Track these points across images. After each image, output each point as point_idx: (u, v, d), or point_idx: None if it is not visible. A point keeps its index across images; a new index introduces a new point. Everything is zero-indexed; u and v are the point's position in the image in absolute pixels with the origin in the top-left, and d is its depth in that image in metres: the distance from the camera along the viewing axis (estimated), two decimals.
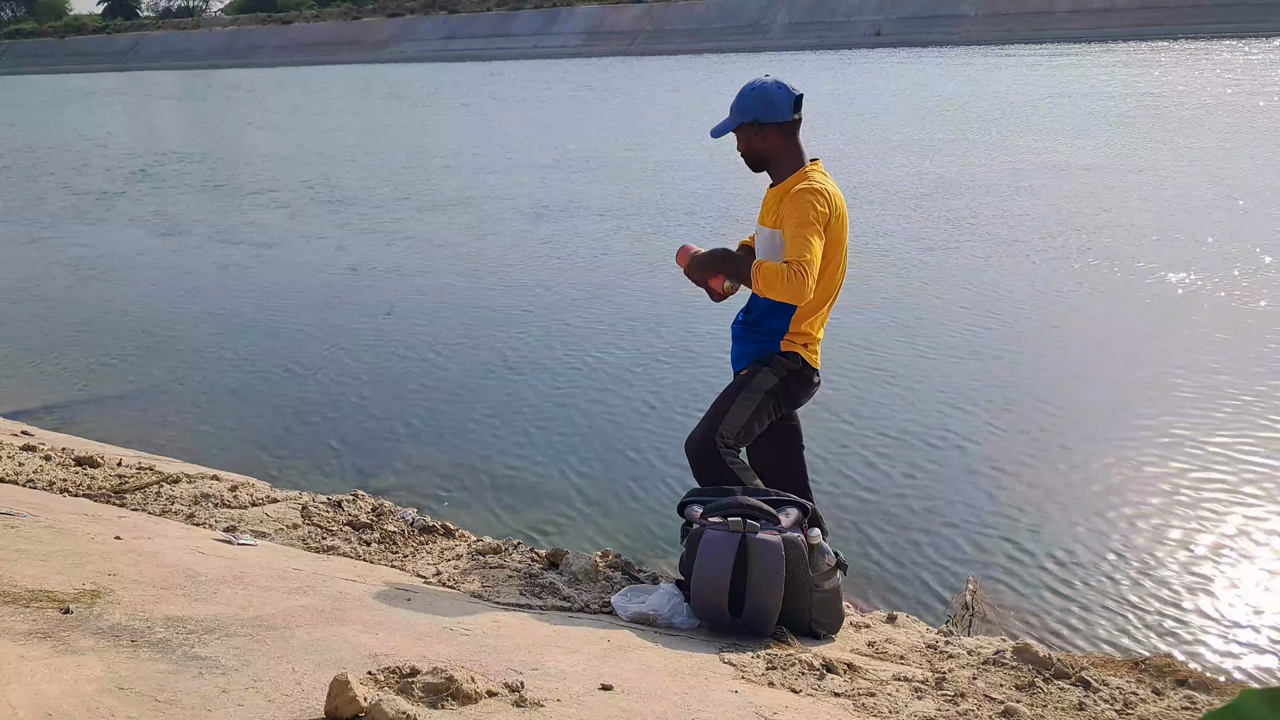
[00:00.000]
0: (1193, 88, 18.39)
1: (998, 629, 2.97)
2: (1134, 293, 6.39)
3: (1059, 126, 14.28)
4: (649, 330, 6.12)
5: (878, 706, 2.06)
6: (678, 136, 15.63)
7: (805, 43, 41.01)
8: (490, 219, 9.96)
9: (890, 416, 4.63)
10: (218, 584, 2.31)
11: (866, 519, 3.73)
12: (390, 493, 3.88)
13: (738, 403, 2.84)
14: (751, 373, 2.89)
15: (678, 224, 9.18)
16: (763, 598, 2.44)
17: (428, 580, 2.76)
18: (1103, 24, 36.18)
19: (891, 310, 6.21)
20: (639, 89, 26.15)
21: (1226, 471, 3.95)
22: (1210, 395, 4.69)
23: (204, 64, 55.35)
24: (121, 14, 76.87)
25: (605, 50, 44.76)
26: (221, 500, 3.31)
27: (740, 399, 2.84)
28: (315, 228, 9.93)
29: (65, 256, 9.12)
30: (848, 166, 11.22)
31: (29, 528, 2.58)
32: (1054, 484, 3.93)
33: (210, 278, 8.05)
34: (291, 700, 1.67)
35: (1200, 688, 2.34)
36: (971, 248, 7.76)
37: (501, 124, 19.58)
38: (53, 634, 1.81)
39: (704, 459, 2.80)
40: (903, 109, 17.77)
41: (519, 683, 1.86)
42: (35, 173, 15.14)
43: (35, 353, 6.28)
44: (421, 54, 49.98)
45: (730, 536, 2.46)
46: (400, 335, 6.28)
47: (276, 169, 14.52)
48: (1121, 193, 9.51)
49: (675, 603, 2.58)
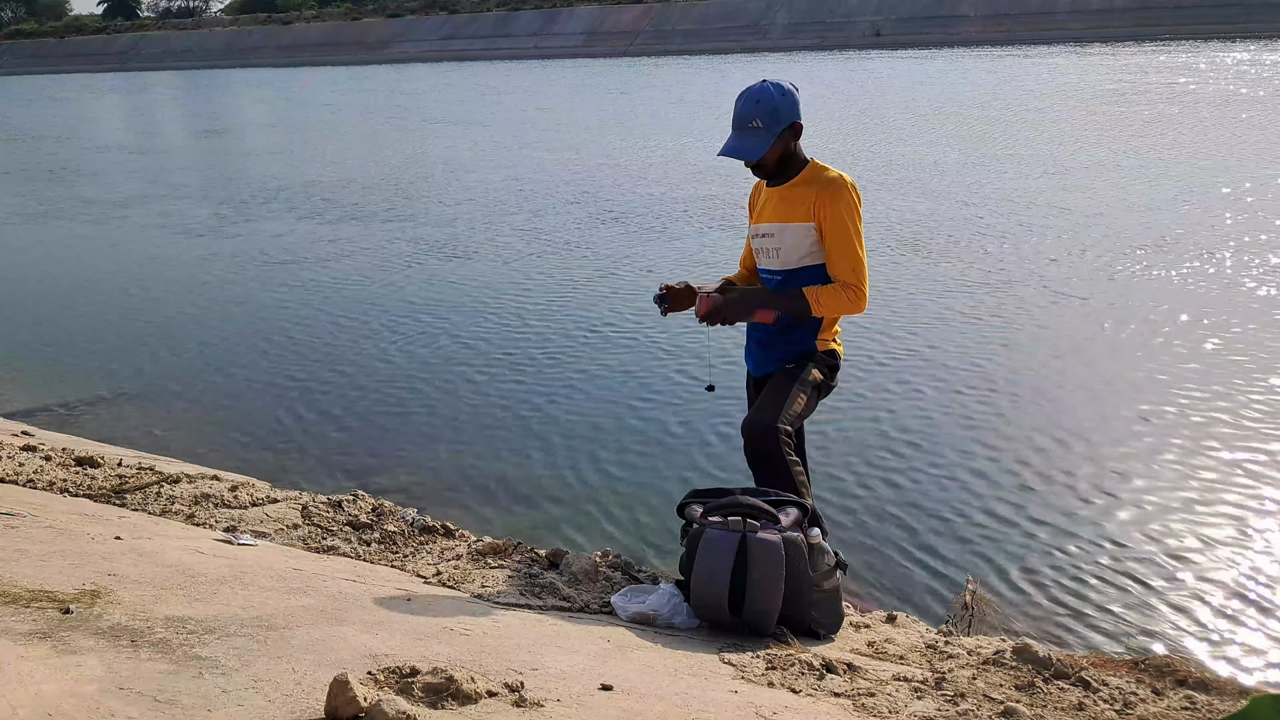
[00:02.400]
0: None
1: (998, 629, 2.97)
2: (1137, 283, 6.39)
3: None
4: (649, 330, 6.12)
5: (878, 706, 2.06)
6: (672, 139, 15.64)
7: (805, 43, 41.03)
8: (490, 218, 9.97)
9: (889, 416, 4.63)
10: (218, 584, 2.31)
11: (866, 519, 3.72)
12: (390, 493, 3.88)
13: (793, 394, 2.82)
14: (799, 367, 2.88)
15: (676, 223, 9.18)
16: (763, 598, 2.43)
17: (428, 580, 2.76)
18: (1103, 24, 36.18)
19: (891, 310, 6.21)
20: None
21: (1227, 471, 3.95)
22: (1211, 395, 4.69)
23: (204, 64, 55.36)
24: (121, 14, 76.88)
25: (605, 50, 44.77)
26: (221, 500, 3.31)
27: (794, 390, 2.83)
28: (316, 229, 9.93)
29: (65, 257, 9.13)
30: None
31: (29, 528, 2.58)
32: (1054, 484, 3.93)
33: (211, 278, 8.05)
34: (291, 700, 1.67)
35: (1200, 688, 2.34)
36: (971, 247, 7.76)
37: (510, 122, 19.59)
38: (53, 634, 1.81)
39: (768, 447, 2.75)
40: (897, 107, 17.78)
41: (519, 683, 1.86)
42: (35, 172, 15.14)
43: (35, 353, 6.28)
44: (422, 54, 49.99)
45: (730, 535, 2.46)
46: (401, 335, 6.28)
47: (274, 170, 14.53)
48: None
49: (675, 603, 2.58)
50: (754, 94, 2.79)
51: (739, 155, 2.82)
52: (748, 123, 2.78)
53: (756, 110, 2.76)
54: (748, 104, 2.78)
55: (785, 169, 2.85)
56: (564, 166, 13.32)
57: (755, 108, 2.76)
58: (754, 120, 2.77)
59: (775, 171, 2.86)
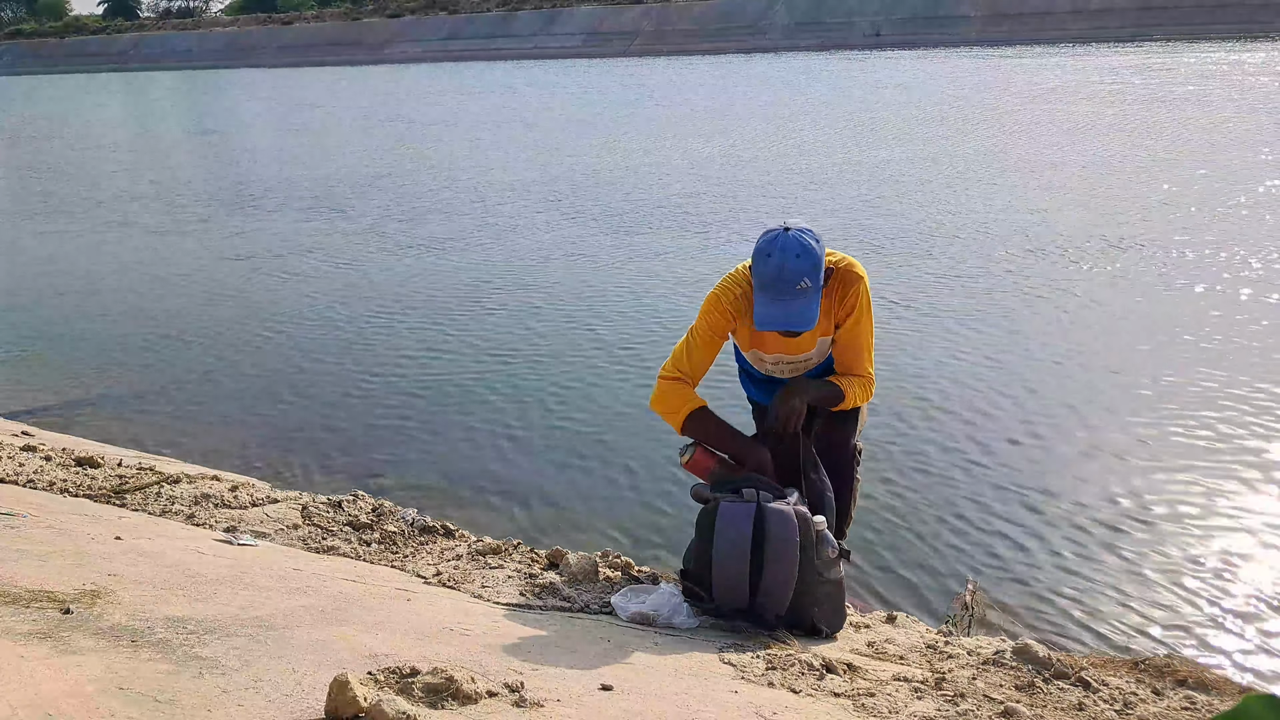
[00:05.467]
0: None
1: (998, 629, 2.97)
2: (1142, 286, 6.39)
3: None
4: (650, 330, 6.12)
5: (877, 706, 2.06)
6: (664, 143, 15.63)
7: (805, 43, 41.08)
8: (493, 218, 9.97)
9: (888, 416, 4.63)
10: (218, 584, 2.31)
11: (866, 519, 3.72)
12: (390, 493, 3.88)
13: (861, 410, 2.83)
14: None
15: (679, 222, 9.18)
16: (780, 570, 2.44)
17: (428, 580, 2.76)
18: (1103, 24, 36.20)
19: (890, 311, 6.21)
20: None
21: (1227, 471, 3.95)
22: (1211, 395, 4.69)
23: (204, 64, 55.39)
24: (121, 14, 76.90)
25: (605, 51, 44.80)
26: (222, 500, 3.31)
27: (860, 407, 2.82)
28: (317, 228, 9.93)
29: (65, 256, 9.13)
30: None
31: (29, 528, 2.58)
32: (1054, 483, 3.93)
33: (211, 277, 8.05)
34: (291, 700, 1.67)
35: (1200, 688, 2.34)
36: (972, 245, 7.77)
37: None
38: (53, 634, 1.81)
39: (846, 460, 2.76)
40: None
41: (519, 683, 1.86)
42: (35, 172, 15.14)
43: (35, 353, 6.28)
44: (422, 54, 50.04)
45: (746, 506, 2.47)
46: (401, 335, 6.28)
47: (274, 170, 14.53)
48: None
49: (675, 602, 2.58)
50: (792, 248, 2.37)
51: (798, 326, 2.41)
52: (795, 283, 2.36)
53: (800, 267, 2.35)
54: (787, 259, 2.36)
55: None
56: (566, 169, 13.32)
57: (797, 263, 2.35)
58: (802, 280, 2.36)
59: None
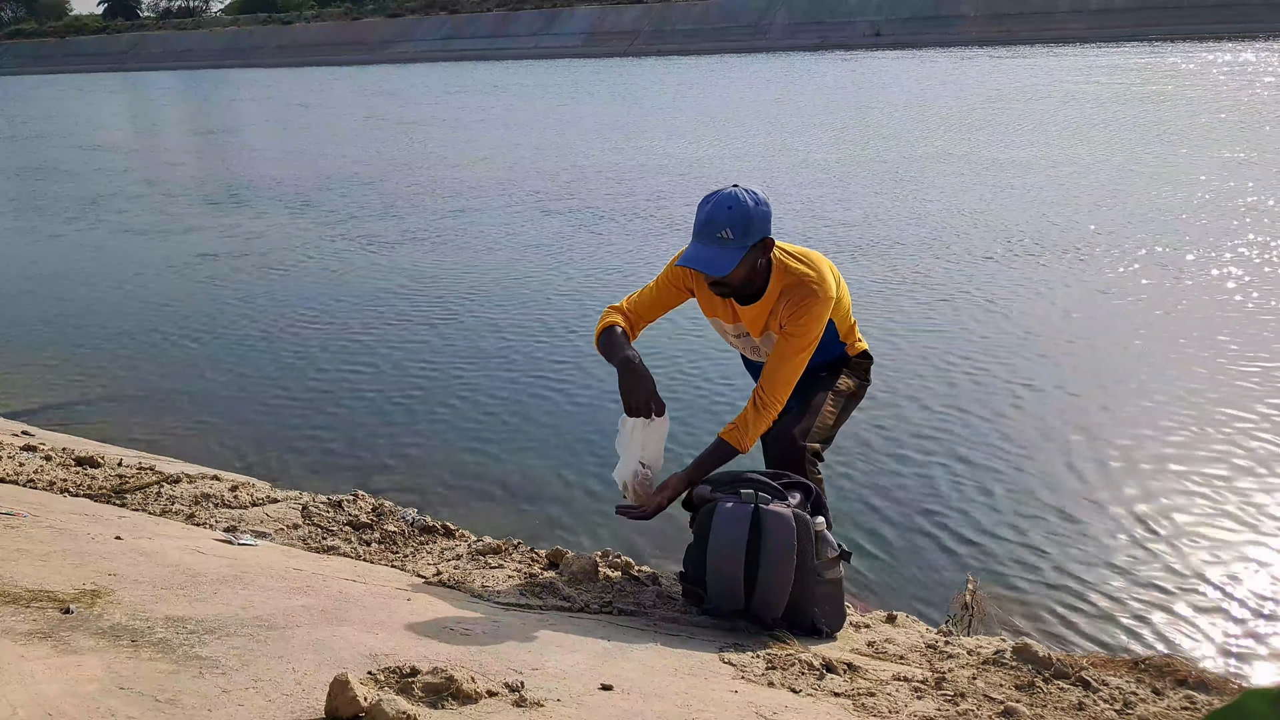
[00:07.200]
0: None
1: (998, 629, 2.97)
2: (1138, 287, 6.39)
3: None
4: (652, 330, 6.10)
5: (878, 706, 2.06)
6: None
7: (804, 43, 41.08)
8: (492, 219, 9.97)
9: (888, 415, 4.63)
10: (218, 584, 2.31)
11: (867, 519, 3.73)
12: (390, 493, 3.88)
13: (823, 410, 2.75)
14: (833, 374, 2.83)
15: (672, 229, 9.18)
16: (776, 574, 2.44)
17: (428, 580, 2.76)
18: (1103, 24, 36.20)
19: (890, 311, 6.21)
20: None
21: (1228, 471, 3.95)
22: (1211, 394, 4.69)
23: (204, 64, 55.40)
24: (121, 14, 76.94)
25: (605, 50, 44.81)
26: (222, 500, 3.31)
27: (825, 403, 2.76)
28: (317, 228, 9.93)
29: (64, 256, 9.12)
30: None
31: (29, 528, 2.58)
32: (1054, 483, 3.93)
33: (211, 277, 8.05)
34: (292, 700, 1.67)
35: (1200, 688, 2.34)
36: (973, 243, 7.77)
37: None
38: (53, 634, 1.81)
39: (790, 462, 2.69)
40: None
41: (519, 683, 1.86)
42: (33, 172, 15.14)
43: (35, 353, 6.28)
44: (422, 54, 50.05)
45: (744, 506, 2.47)
46: (401, 335, 6.28)
47: (274, 169, 14.53)
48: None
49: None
50: (725, 199, 2.45)
51: (705, 268, 2.48)
52: (716, 231, 2.44)
53: (728, 217, 2.43)
54: (717, 209, 2.45)
55: (750, 288, 2.60)
56: (568, 169, 13.32)
57: (727, 214, 2.43)
58: (724, 229, 2.44)
59: (738, 291, 2.60)
